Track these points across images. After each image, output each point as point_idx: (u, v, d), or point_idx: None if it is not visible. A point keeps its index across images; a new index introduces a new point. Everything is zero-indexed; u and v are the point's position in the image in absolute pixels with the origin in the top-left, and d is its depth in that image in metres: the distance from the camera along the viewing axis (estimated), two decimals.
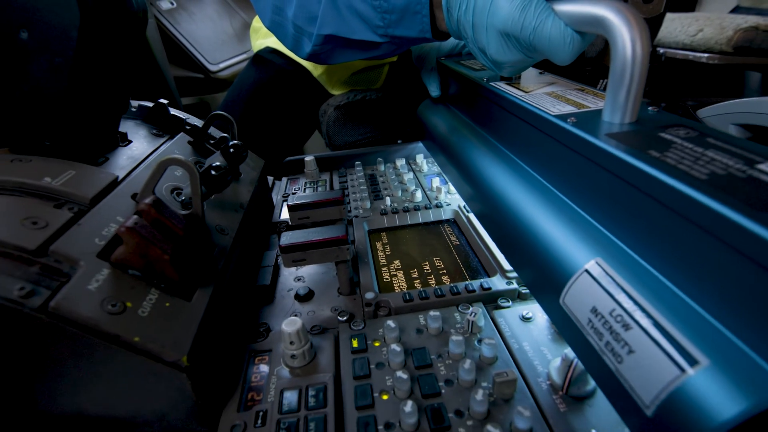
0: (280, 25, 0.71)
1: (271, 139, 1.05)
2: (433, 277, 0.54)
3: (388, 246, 0.61)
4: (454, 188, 0.72)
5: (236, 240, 0.49)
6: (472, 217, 0.63)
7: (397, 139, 0.95)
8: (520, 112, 0.48)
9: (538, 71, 0.59)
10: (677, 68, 1.44)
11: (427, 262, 0.57)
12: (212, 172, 0.47)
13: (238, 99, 1.03)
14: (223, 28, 1.83)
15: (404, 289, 0.52)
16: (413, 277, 0.54)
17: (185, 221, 0.39)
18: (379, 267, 0.57)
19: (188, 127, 0.61)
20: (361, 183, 0.77)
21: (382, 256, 0.59)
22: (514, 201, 0.46)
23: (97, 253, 0.35)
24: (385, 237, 0.64)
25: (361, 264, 0.56)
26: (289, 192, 0.81)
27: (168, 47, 1.55)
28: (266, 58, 1.06)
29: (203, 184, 0.46)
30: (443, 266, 0.56)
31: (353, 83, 1.06)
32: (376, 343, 0.43)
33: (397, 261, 0.58)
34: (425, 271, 0.55)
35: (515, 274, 0.50)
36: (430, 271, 0.55)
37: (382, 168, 0.85)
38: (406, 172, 0.81)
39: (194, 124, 0.62)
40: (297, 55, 0.73)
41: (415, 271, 0.55)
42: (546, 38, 0.42)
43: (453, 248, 0.59)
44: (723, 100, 0.78)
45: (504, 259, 0.52)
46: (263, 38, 1.10)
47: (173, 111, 0.62)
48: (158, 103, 0.60)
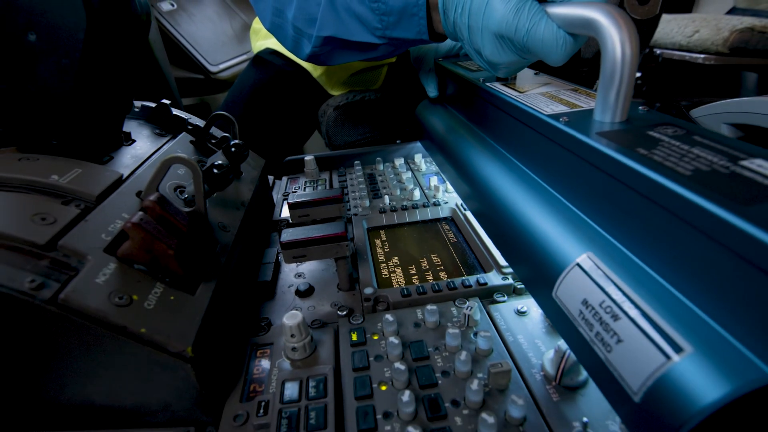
0: (280, 27, 0.72)
1: (271, 139, 1.06)
2: (430, 273, 0.55)
3: (386, 243, 0.62)
4: (451, 187, 0.73)
5: (238, 237, 0.50)
6: (469, 214, 0.64)
7: (396, 139, 0.96)
8: (515, 112, 0.49)
9: (533, 72, 0.60)
10: (674, 69, 1.45)
11: (424, 259, 0.58)
12: (214, 171, 0.48)
13: (239, 99, 1.04)
14: (223, 29, 1.84)
15: (402, 285, 0.53)
16: (411, 273, 0.56)
17: (189, 218, 0.41)
18: (377, 263, 0.58)
19: (190, 127, 0.62)
20: (360, 182, 0.78)
21: (381, 253, 0.60)
22: (509, 199, 0.47)
23: (103, 248, 0.36)
24: (384, 234, 0.65)
25: (360, 261, 0.57)
26: (289, 191, 0.81)
27: (169, 48, 1.56)
28: (266, 59, 1.07)
29: (206, 182, 0.47)
30: (440, 263, 0.57)
31: (352, 84, 1.07)
32: (375, 337, 0.44)
33: (396, 258, 0.59)
34: (423, 268, 0.56)
35: (511, 270, 0.51)
36: (427, 267, 0.56)
37: (381, 167, 0.86)
38: (404, 172, 0.82)
39: (196, 124, 0.63)
40: (297, 56, 0.74)
41: (413, 267, 0.57)
42: (539, 40, 0.43)
43: (450, 245, 0.61)
44: (716, 101, 0.79)
45: (500, 256, 0.53)
46: (263, 39, 1.11)
47: (175, 111, 0.63)
48: (161, 104, 0.61)
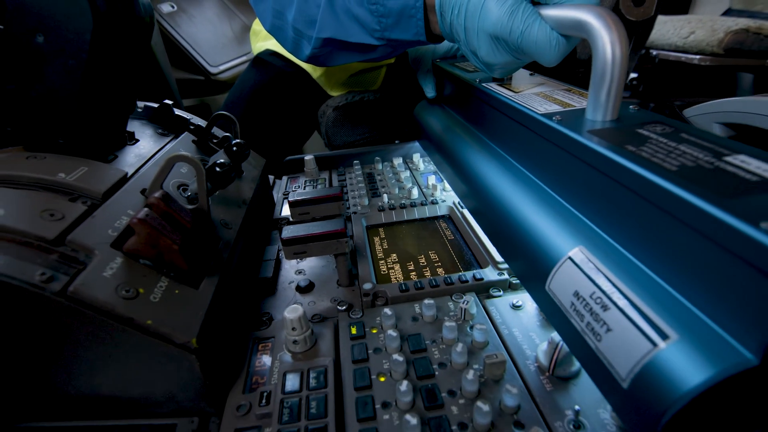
0: (280, 29, 0.73)
1: (271, 139, 1.07)
2: (428, 269, 0.56)
3: (385, 241, 0.64)
4: (449, 185, 0.74)
5: (240, 233, 0.51)
6: (466, 212, 0.65)
7: (395, 139, 0.97)
8: (510, 111, 0.51)
9: (528, 73, 0.61)
10: (671, 70, 1.47)
11: (422, 256, 0.59)
12: (217, 169, 0.50)
13: (239, 100, 1.05)
14: (223, 30, 1.86)
15: (401, 281, 0.54)
16: (409, 269, 0.57)
17: (192, 215, 0.42)
18: (376, 260, 0.59)
19: (192, 127, 0.63)
20: (360, 181, 0.79)
21: (380, 250, 0.61)
22: (505, 196, 0.48)
23: (110, 243, 0.37)
24: (383, 232, 0.66)
25: (359, 257, 0.58)
26: (289, 190, 0.83)
27: (169, 50, 1.58)
28: (266, 60, 1.08)
29: (208, 180, 0.48)
30: (438, 259, 0.58)
31: (351, 85, 1.09)
32: (374, 330, 0.45)
33: (394, 254, 0.60)
34: (421, 264, 0.57)
35: (506, 266, 0.52)
36: (425, 263, 0.57)
37: (379, 167, 0.88)
38: (403, 171, 0.83)
39: (198, 123, 0.64)
40: (297, 57, 0.75)
41: (411, 263, 0.58)
42: (533, 41, 0.45)
43: (447, 242, 0.62)
44: (709, 101, 0.81)
45: (496, 252, 0.54)
46: (263, 41, 1.12)
47: (177, 111, 0.64)
48: (163, 104, 0.62)
